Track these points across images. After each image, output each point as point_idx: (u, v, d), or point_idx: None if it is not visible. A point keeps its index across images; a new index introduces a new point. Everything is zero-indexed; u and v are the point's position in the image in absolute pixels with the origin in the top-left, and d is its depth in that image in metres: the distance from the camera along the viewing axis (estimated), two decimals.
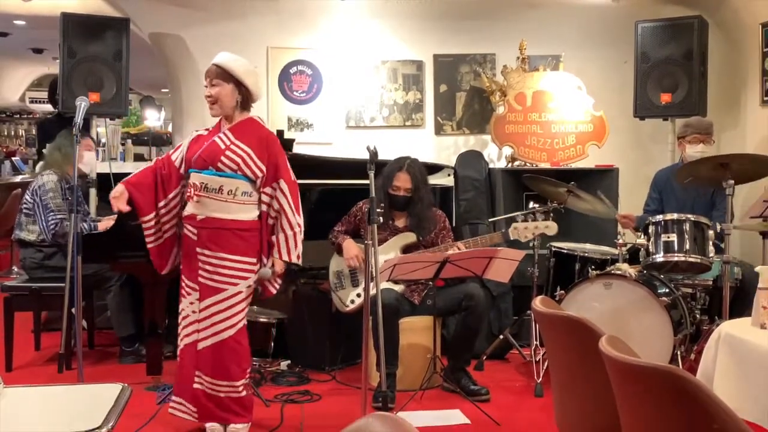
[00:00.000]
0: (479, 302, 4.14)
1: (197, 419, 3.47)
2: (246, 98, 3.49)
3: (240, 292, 3.41)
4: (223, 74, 3.42)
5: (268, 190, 3.44)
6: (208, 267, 3.40)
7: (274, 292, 3.56)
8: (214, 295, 3.40)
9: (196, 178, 3.42)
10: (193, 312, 3.45)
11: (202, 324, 3.42)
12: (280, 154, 3.48)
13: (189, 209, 3.46)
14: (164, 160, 3.62)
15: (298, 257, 3.47)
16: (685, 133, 4.65)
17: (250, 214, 3.43)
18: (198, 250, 3.41)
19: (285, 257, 3.44)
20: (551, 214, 4.36)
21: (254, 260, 3.44)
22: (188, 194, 3.45)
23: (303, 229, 3.48)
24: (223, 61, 3.45)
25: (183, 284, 3.51)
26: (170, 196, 3.55)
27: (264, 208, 3.45)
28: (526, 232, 4.19)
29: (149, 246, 3.55)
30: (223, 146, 3.41)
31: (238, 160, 3.37)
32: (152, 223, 3.52)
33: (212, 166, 3.38)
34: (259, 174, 3.40)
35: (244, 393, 3.47)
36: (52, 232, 4.55)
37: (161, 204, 3.53)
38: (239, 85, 3.44)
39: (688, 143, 4.61)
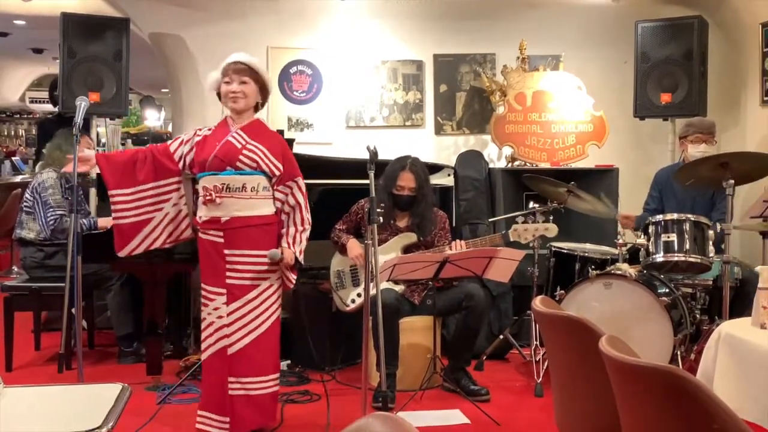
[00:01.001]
0: (479, 302, 4.14)
1: (231, 429, 3.40)
2: (262, 102, 3.58)
3: (272, 285, 3.47)
4: (252, 74, 3.49)
5: (282, 188, 3.49)
6: (238, 267, 3.41)
7: (291, 285, 3.57)
8: (245, 294, 3.41)
9: (214, 180, 3.41)
10: (219, 318, 3.42)
11: (233, 327, 3.40)
12: (291, 155, 3.57)
13: (208, 213, 3.43)
14: (161, 148, 3.62)
15: (300, 252, 3.51)
16: (687, 133, 4.64)
17: (270, 208, 3.48)
18: (226, 252, 3.41)
19: (292, 248, 3.48)
20: (551, 215, 4.36)
21: None
22: (206, 198, 3.41)
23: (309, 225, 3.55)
24: (254, 62, 3.52)
25: (204, 291, 3.47)
26: (161, 182, 3.57)
27: (278, 205, 3.50)
28: (526, 234, 4.19)
29: (114, 222, 3.59)
30: (239, 146, 3.43)
31: (256, 158, 3.42)
32: (119, 199, 3.53)
33: (230, 166, 3.40)
34: (277, 172, 3.45)
35: (277, 387, 3.53)
36: (51, 228, 4.55)
37: (147, 186, 3.54)
38: (263, 88, 3.54)
39: (691, 143, 4.60)
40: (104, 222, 4.65)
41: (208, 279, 3.47)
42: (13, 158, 11.40)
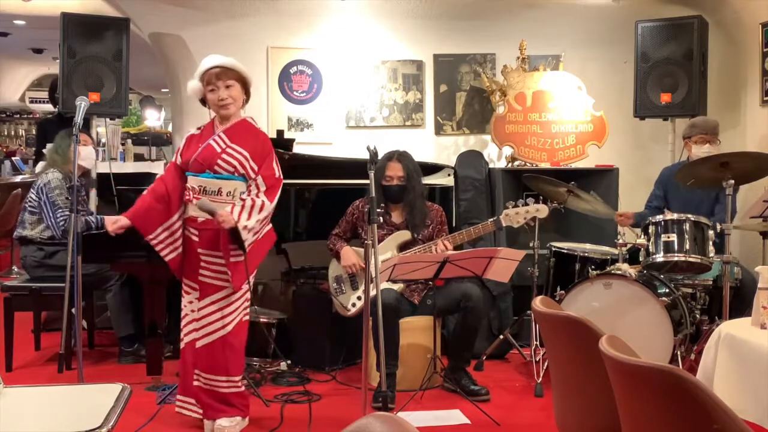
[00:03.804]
0: (477, 302, 4.14)
1: (203, 416, 3.52)
2: (247, 98, 3.56)
3: (240, 288, 3.48)
4: (235, 75, 3.47)
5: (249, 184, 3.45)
6: (210, 267, 3.46)
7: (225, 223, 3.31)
8: (214, 293, 3.45)
9: (194, 181, 3.46)
10: (192, 311, 3.52)
11: (201, 323, 3.48)
12: (269, 155, 3.50)
13: (188, 211, 3.50)
14: (170, 168, 3.61)
15: (244, 228, 3.30)
16: (691, 134, 4.63)
17: None
18: (200, 250, 3.47)
19: (235, 216, 3.29)
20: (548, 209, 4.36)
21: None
22: (187, 197, 3.48)
23: (267, 214, 3.40)
24: (231, 63, 3.49)
25: (183, 284, 3.56)
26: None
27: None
28: (518, 217, 4.21)
29: (166, 259, 3.55)
30: (219, 149, 3.43)
31: (235, 162, 3.41)
32: (161, 238, 3.50)
33: (209, 169, 3.42)
34: (253, 175, 3.44)
35: (243, 388, 3.57)
36: (62, 229, 4.53)
37: (176, 217, 3.51)
38: (245, 86, 3.52)
39: (694, 144, 4.59)
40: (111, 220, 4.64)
41: (186, 273, 3.54)
42: (13, 158, 11.38)
